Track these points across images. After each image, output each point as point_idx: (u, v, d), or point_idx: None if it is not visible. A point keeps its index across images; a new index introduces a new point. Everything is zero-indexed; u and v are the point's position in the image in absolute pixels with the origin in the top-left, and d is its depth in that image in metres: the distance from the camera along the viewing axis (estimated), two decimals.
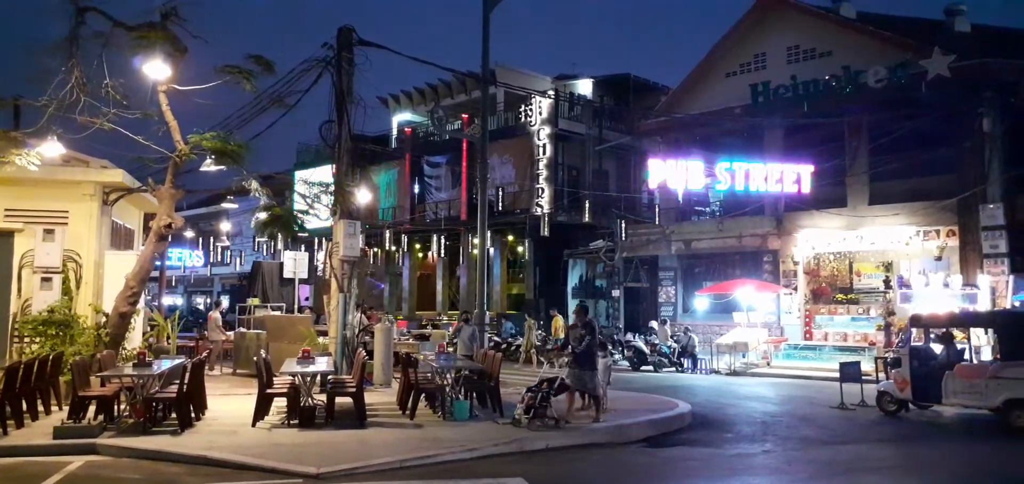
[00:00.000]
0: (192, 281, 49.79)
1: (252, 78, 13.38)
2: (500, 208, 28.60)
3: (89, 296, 13.90)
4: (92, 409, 10.96)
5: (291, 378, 11.46)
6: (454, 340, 18.20)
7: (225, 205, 36.10)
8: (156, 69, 12.67)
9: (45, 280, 13.11)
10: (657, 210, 27.39)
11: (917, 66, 20.46)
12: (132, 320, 13.74)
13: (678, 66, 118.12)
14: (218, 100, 13.75)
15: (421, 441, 10.24)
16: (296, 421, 11.08)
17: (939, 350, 14.22)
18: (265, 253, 35.75)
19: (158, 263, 24.68)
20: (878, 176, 22.69)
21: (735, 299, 24.13)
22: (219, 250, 43.95)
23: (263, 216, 14.95)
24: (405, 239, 35.08)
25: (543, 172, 30.05)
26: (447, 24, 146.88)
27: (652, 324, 24.87)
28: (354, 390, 11.60)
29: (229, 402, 13.08)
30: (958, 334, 14.67)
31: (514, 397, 12.34)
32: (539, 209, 29.13)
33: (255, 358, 13.02)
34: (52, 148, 13.01)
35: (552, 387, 11.43)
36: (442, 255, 34.09)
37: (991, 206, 20.25)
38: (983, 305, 19.21)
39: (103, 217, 14.39)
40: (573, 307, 14.64)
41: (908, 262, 22.51)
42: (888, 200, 22.59)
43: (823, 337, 22.98)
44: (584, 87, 33.71)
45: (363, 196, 16.17)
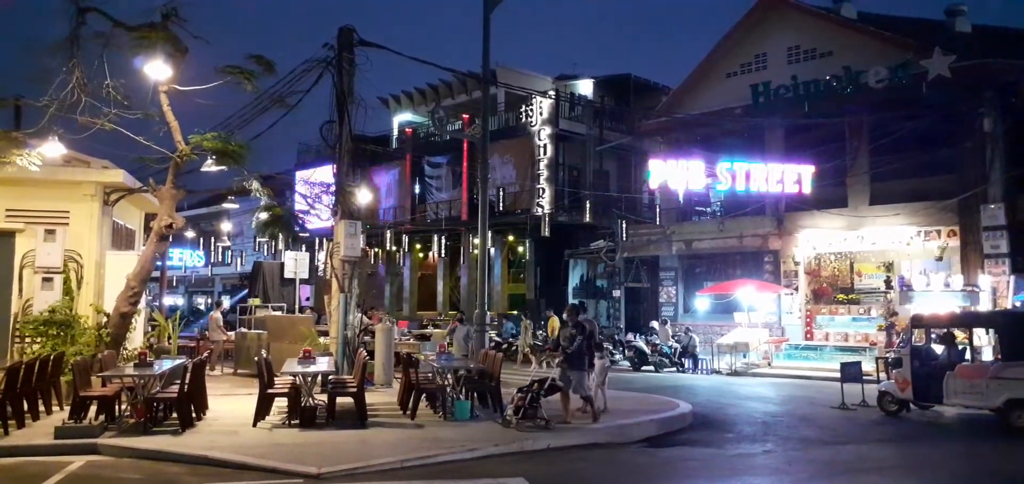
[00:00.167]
0: (193, 281, 49.81)
1: (253, 78, 13.40)
2: (501, 208, 28.60)
3: (90, 296, 13.90)
4: (93, 409, 10.96)
5: (292, 378, 11.47)
6: (450, 340, 18.29)
7: (226, 205, 36.16)
8: (157, 69, 12.69)
9: (46, 280, 13.11)
10: (658, 210, 27.36)
11: (918, 66, 20.46)
12: (133, 320, 13.77)
13: (679, 66, 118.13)
14: (219, 100, 13.77)
15: (422, 441, 10.25)
16: (297, 421, 11.09)
17: (940, 350, 14.21)
18: (266, 253, 35.71)
19: (159, 263, 24.70)
20: (879, 176, 22.67)
21: (736, 299, 24.13)
22: (220, 250, 43.92)
23: (264, 216, 14.98)
24: (406, 239, 35.08)
25: (544, 172, 30.05)
26: (447, 24, 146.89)
27: (653, 324, 24.89)
28: (355, 390, 11.61)
29: (230, 402, 13.08)
30: (959, 334, 14.67)
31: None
32: (540, 209, 29.13)
33: (256, 358, 13.04)
34: (53, 148, 13.02)
35: (542, 388, 11.43)
36: (443, 255, 34.09)
37: (992, 206, 20.24)
38: (984, 305, 19.21)
39: (104, 217, 14.40)
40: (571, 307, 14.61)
41: (909, 262, 22.49)
42: (889, 200, 22.57)
43: (824, 337, 23.00)
44: (585, 87, 33.70)
45: (364, 196, 16.18)
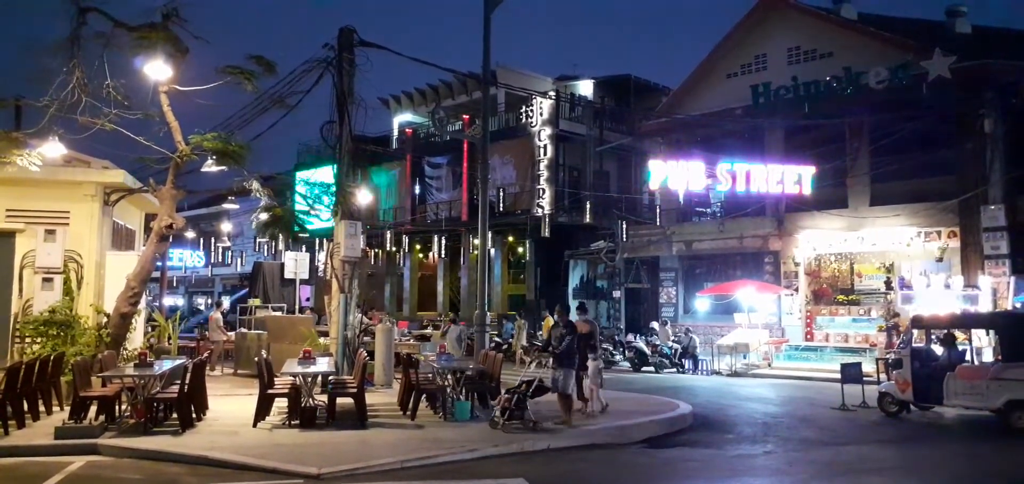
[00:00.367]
0: (193, 281, 49.81)
1: (253, 79, 13.41)
2: (501, 209, 28.57)
3: (90, 296, 13.90)
4: (93, 409, 10.96)
5: (292, 379, 11.47)
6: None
7: (226, 206, 36.05)
8: (157, 70, 12.69)
9: (46, 280, 13.11)
10: (658, 211, 27.35)
11: (918, 67, 20.46)
12: (133, 320, 13.77)
13: (679, 67, 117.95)
14: (219, 100, 13.78)
15: (422, 442, 10.25)
16: (297, 421, 11.09)
17: (940, 351, 14.21)
18: (266, 254, 35.71)
19: (159, 263, 24.69)
20: (879, 177, 22.67)
21: (736, 300, 24.13)
22: (220, 250, 43.93)
23: (264, 217, 14.97)
24: (406, 240, 35.08)
25: (544, 173, 30.04)
26: (448, 25, 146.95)
27: (653, 325, 24.89)
28: (355, 391, 11.61)
29: (230, 402, 13.08)
30: (959, 335, 14.66)
31: None
32: (540, 210, 29.12)
33: (256, 358, 13.03)
34: (53, 149, 13.02)
35: (530, 389, 11.40)
36: (443, 256, 34.07)
37: (992, 207, 20.23)
38: (984, 306, 19.19)
39: (104, 217, 14.39)
40: (573, 307, 14.63)
41: (909, 263, 22.48)
42: (889, 201, 22.57)
43: (824, 338, 22.99)
44: (585, 88, 33.69)
45: (364, 197, 16.18)
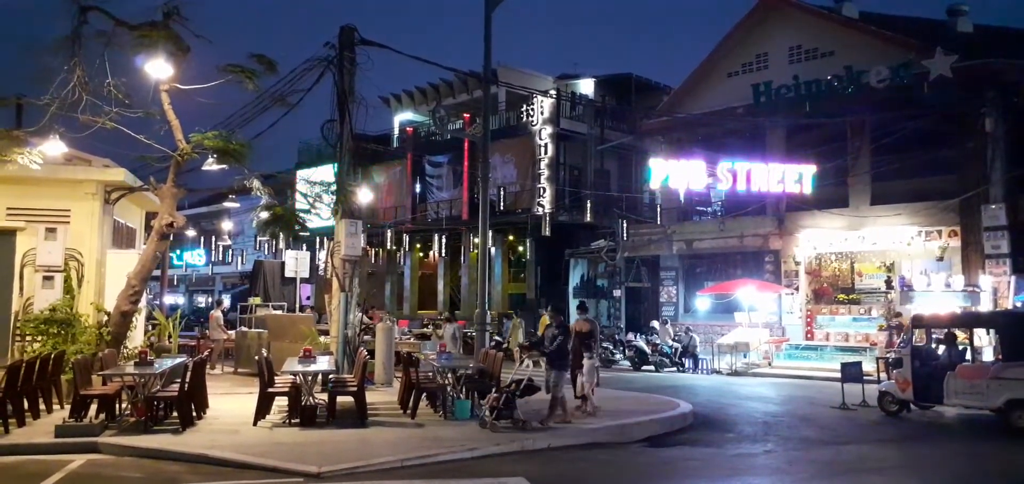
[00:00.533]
0: (194, 280, 49.83)
1: (254, 77, 13.40)
2: (502, 208, 28.57)
3: (91, 295, 13.91)
4: (94, 408, 10.97)
5: (292, 377, 11.48)
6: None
7: (227, 204, 36.10)
8: (158, 68, 12.69)
9: (47, 279, 13.12)
10: (659, 210, 27.34)
11: (919, 66, 20.42)
12: (134, 319, 13.77)
13: (680, 66, 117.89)
14: (220, 99, 13.79)
15: (422, 440, 10.25)
16: (297, 420, 11.09)
17: (941, 351, 14.21)
18: (267, 252, 35.75)
19: (160, 262, 24.68)
20: (880, 176, 22.64)
21: (736, 299, 24.11)
22: (221, 249, 43.99)
23: (265, 215, 14.97)
24: (406, 238, 35.08)
25: (545, 172, 30.01)
26: (449, 24, 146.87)
27: (653, 324, 24.88)
28: (355, 389, 11.62)
29: (230, 401, 13.09)
30: (960, 335, 14.65)
31: None
32: (541, 209, 29.10)
33: (256, 357, 13.05)
34: (54, 147, 13.02)
35: (519, 388, 11.39)
36: (443, 255, 34.05)
37: (993, 206, 20.20)
38: (985, 306, 19.18)
39: (105, 216, 14.40)
40: (574, 306, 14.67)
41: (910, 262, 22.46)
42: (890, 200, 22.54)
43: (825, 337, 22.97)
44: (586, 87, 33.67)
45: (365, 195, 16.19)
